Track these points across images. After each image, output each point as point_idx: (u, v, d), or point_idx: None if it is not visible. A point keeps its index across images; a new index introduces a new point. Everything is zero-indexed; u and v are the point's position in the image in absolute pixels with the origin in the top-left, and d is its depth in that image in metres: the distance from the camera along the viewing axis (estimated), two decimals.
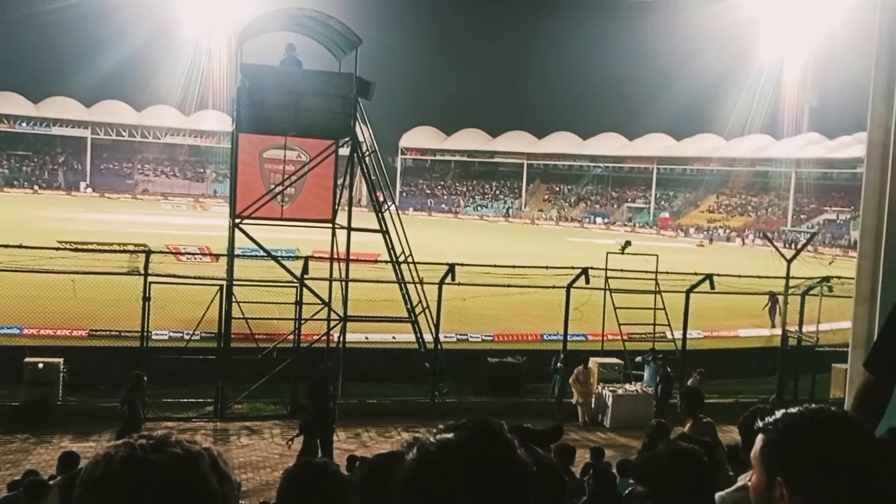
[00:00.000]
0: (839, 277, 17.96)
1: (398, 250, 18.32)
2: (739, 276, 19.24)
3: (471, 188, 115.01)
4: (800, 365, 18.46)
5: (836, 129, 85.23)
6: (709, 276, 17.74)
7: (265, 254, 18.08)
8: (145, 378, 13.51)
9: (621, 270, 19.12)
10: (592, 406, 16.87)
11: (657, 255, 20.22)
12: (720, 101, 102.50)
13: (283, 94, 17.22)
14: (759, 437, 1.64)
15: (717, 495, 3.20)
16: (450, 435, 1.30)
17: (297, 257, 18.84)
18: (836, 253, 54.16)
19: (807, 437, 1.57)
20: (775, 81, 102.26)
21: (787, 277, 18.81)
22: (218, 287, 16.35)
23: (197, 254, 31.28)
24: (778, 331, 19.36)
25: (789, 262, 18.81)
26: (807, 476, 1.54)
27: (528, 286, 18.65)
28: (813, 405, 1.66)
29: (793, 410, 1.63)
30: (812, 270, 20.46)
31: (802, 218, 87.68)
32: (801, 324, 18.63)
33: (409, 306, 18.20)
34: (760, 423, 1.65)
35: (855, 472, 1.53)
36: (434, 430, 1.33)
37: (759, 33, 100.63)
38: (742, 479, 2.71)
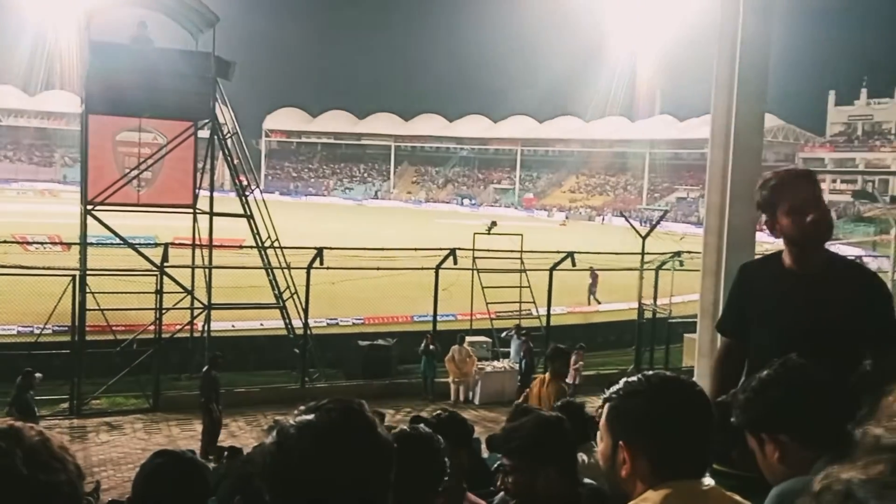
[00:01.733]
0: (689, 252, 19.02)
1: (264, 235, 17.93)
2: (599, 254, 20.06)
3: (338, 171, 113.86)
4: (655, 336, 19.48)
5: (686, 112, 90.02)
6: (570, 254, 18.39)
7: (121, 241, 17.24)
8: (37, 375, 12.64)
9: (488, 250, 19.51)
10: (469, 385, 17.20)
11: (522, 235, 20.76)
12: (580, 85, 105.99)
13: (136, 73, 16.40)
14: (605, 406, 1.73)
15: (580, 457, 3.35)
16: (310, 416, 1.29)
17: (156, 244, 18.08)
18: (686, 230, 57.32)
19: (642, 400, 1.66)
20: (631, 66, 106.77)
21: (643, 253, 19.77)
22: (70, 278, 15.45)
23: (46, 243, 29.43)
24: (634, 304, 20.33)
25: (644, 238, 19.77)
26: (642, 437, 1.63)
27: (398, 268, 18.72)
28: (649, 371, 1.77)
29: (631, 378, 1.73)
30: (665, 246, 21.59)
31: (656, 196, 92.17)
32: (655, 297, 19.64)
33: (276, 292, 17.87)
34: (605, 393, 1.75)
35: (686, 429, 1.64)
36: (294, 413, 1.31)
37: (616, 20, 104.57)
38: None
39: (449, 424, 3.22)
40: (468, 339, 18.11)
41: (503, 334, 18.82)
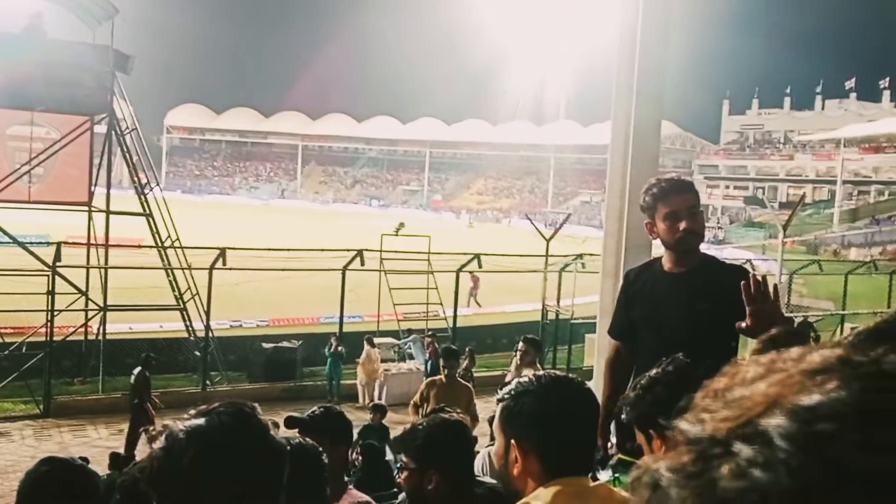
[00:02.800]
0: (591, 254, 19.53)
1: (164, 234, 17.40)
2: (505, 255, 20.33)
3: (243, 170, 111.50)
4: (558, 336, 19.90)
5: (591, 118, 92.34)
6: (477, 256, 18.59)
7: (11, 240, 16.40)
8: None
9: (395, 252, 19.50)
10: (376, 387, 17.12)
11: (429, 237, 20.84)
12: (488, 89, 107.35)
13: (27, 65, 15.63)
14: (498, 406, 1.77)
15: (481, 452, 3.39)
16: (200, 420, 1.27)
17: (48, 243, 17.29)
18: (589, 233, 58.78)
19: (532, 399, 1.71)
20: (537, 71, 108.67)
21: (546, 255, 20.17)
22: None
23: None
24: (538, 305, 20.71)
25: (548, 241, 20.17)
26: (533, 436, 1.68)
27: (303, 269, 18.49)
28: (540, 371, 1.82)
29: (523, 378, 1.78)
30: (568, 248, 22.11)
31: (561, 200, 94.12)
32: (558, 298, 20.07)
33: (177, 293, 17.36)
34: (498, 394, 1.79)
35: (574, 428, 1.69)
36: (184, 416, 1.29)
37: (525, 26, 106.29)
38: None
39: (325, 421, 3.19)
40: (376, 340, 18.06)
41: (401, 342, 18.78)
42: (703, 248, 3.35)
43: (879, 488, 0.36)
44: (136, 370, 13.37)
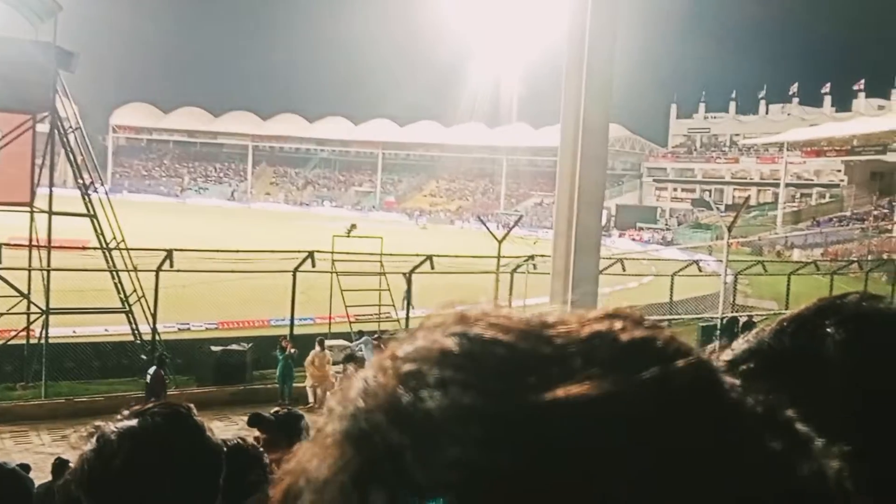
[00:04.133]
0: (542, 255, 19.69)
1: (109, 236, 17.03)
2: (457, 256, 20.38)
3: (192, 170, 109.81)
4: None
5: (543, 120, 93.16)
6: (429, 258, 18.59)
7: None
8: None
9: (347, 253, 19.40)
10: (327, 389, 16.97)
11: (381, 238, 20.78)
12: (440, 91, 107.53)
13: None
14: None
15: None
16: (132, 422, 1.24)
17: None
18: (541, 234, 59.35)
19: None
20: (490, 74, 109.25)
21: (499, 257, 20.28)
22: None
23: None
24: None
25: (500, 242, 20.29)
26: None
27: (254, 271, 18.27)
28: None
29: None
30: (520, 250, 22.25)
31: (513, 202, 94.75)
32: (510, 299, 20.18)
33: (122, 296, 17.01)
34: None
35: None
36: (117, 417, 1.26)
37: (477, 29, 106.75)
38: None
39: (288, 422, 3.20)
40: (327, 342, 17.93)
41: (353, 344, 18.66)
42: (651, 249, 3.39)
43: None
44: (152, 369, 13.53)
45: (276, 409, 3.33)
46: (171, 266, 16.10)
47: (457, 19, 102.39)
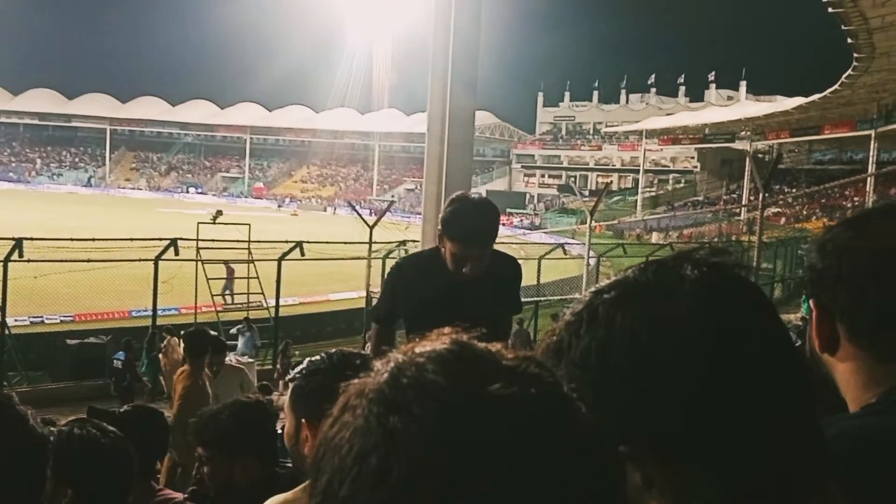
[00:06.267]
0: (414, 241, 19.74)
1: None
2: (328, 243, 20.16)
3: (44, 155, 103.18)
4: None
5: (414, 106, 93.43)
6: (299, 244, 18.29)
7: None
8: None
9: (213, 241, 18.80)
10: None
11: (249, 225, 20.27)
12: (310, 75, 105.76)
13: None
14: (290, 386, 1.74)
15: None
16: None
17: None
18: (413, 220, 59.53)
19: (323, 378, 1.70)
20: (361, 59, 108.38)
21: (370, 242, 20.20)
22: None
23: None
24: (363, 292, 20.71)
25: (371, 228, 20.20)
26: (320, 413, 1.66)
27: (112, 260, 17.37)
28: (333, 350, 1.81)
29: (315, 357, 1.76)
30: (391, 235, 22.23)
31: (386, 188, 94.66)
32: (382, 285, 20.14)
33: None
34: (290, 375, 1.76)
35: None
36: None
37: (348, 13, 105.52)
38: None
39: (131, 420, 3.03)
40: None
41: (232, 331, 18.24)
42: (518, 233, 3.48)
43: None
44: (120, 354, 13.90)
45: (126, 406, 3.15)
46: (21, 256, 15.06)
47: (326, 3, 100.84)
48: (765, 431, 0.70)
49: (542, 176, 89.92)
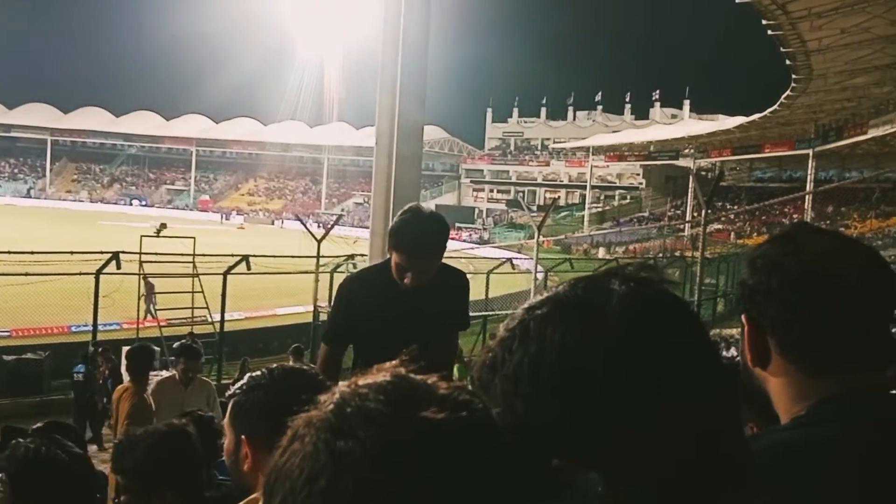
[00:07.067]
0: (362, 255, 19.68)
1: None
2: (275, 257, 19.94)
3: None
4: None
5: (363, 120, 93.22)
6: (245, 258, 18.06)
7: None
8: None
9: (157, 254, 18.46)
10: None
11: (194, 238, 19.96)
12: (259, 87, 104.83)
13: None
14: (230, 403, 1.72)
15: None
16: None
17: None
18: (362, 234, 59.21)
19: (263, 393, 1.67)
20: (310, 72, 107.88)
21: (318, 256, 20.06)
22: None
23: None
24: (310, 307, 20.53)
25: (319, 242, 20.07)
26: (263, 430, 1.64)
27: (52, 273, 16.89)
28: (273, 365, 1.78)
29: (255, 373, 1.74)
30: (339, 249, 22.13)
31: (335, 202, 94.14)
32: (329, 299, 20.01)
33: None
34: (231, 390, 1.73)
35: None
36: None
37: (298, 27, 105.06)
38: None
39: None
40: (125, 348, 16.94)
41: (175, 345, 17.87)
42: (467, 248, 3.49)
43: None
44: (80, 367, 13.56)
45: (39, 423, 3.01)
46: None
47: (275, 15, 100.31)
48: (693, 443, 0.71)
49: (491, 191, 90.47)
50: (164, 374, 16.87)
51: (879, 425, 1.07)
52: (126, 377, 6.84)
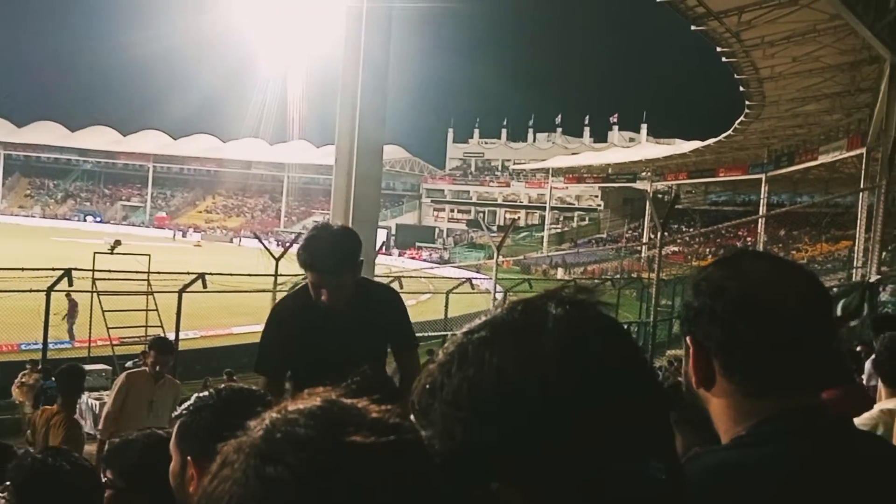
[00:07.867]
0: None
1: None
2: (232, 275, 19.71)
3: None
4: None
5: (323, 139, 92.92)
6: (201, 276, 17.81)
7: None
8: None
9: (110, 271, 18.12)
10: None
11: (150, 255, 19.65)
12: (218, 104, 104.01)
13: None
14: (176, 424, 1.70)
15: None
16: None
17: None
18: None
19: (209, 415, 1.66)
20: (270, 90, 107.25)
21: (276, 275, 19.88)
22: None
23: None
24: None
25: (277, 260, 19.90)
26: (209, 452, 1.61)
27: (1, 290, 16.49)
28: (222, 386, 1.77)
29: (203, 393, 1.72)
30: (298, 268, 21.94)
31: (294, 219, 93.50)
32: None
33: None
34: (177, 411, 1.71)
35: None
36: None
37: (260, 44, 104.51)
38: None
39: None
40: (87, 367, 16.57)
41: (128, 363, 17.54)
42: (426, 267, 3.47)
43: None
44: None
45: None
46: None
47: (236, 32, 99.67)
48: (629, 463, 0.72)
49: (452, 211, 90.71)
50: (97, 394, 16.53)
51: (818, 446, 1.10)
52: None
